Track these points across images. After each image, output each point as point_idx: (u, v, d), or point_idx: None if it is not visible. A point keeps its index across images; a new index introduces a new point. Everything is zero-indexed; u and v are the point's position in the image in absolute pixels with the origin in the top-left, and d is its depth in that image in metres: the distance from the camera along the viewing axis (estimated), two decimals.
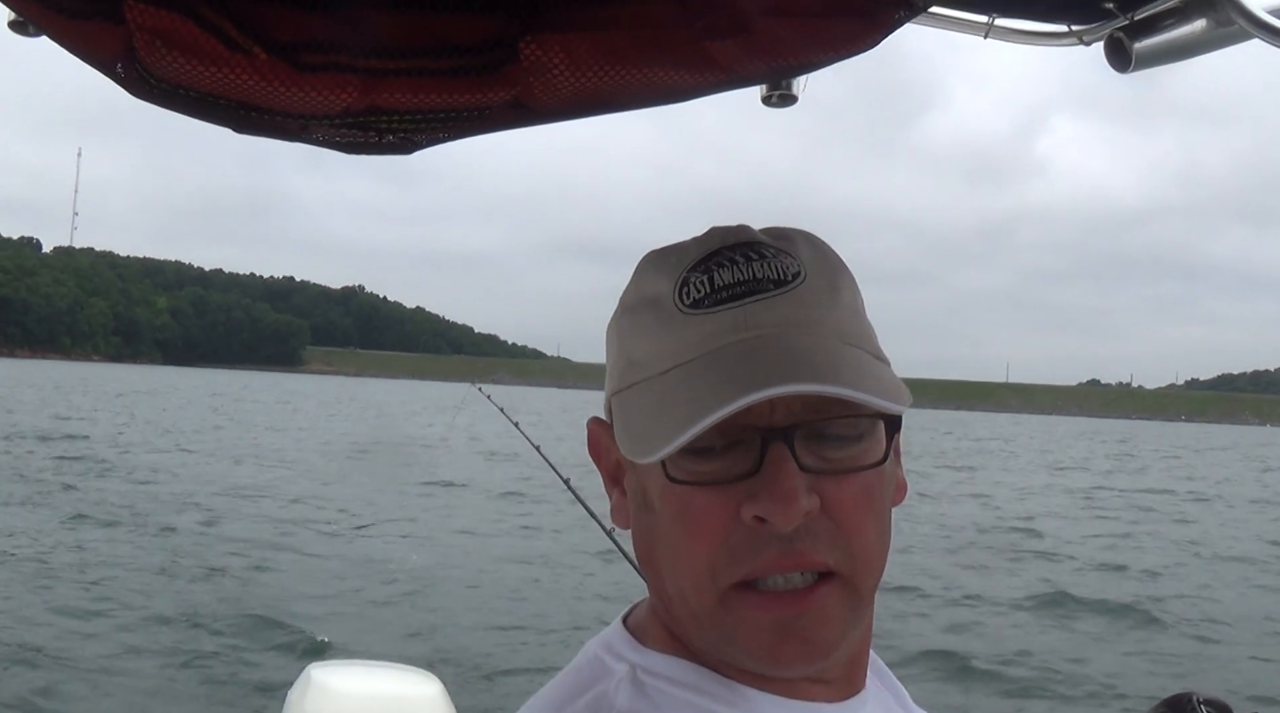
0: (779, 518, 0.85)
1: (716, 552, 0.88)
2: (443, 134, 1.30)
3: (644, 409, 0.91)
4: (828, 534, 0.87)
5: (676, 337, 0.92)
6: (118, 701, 8.28)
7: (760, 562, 0.87)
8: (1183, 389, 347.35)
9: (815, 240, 0.99)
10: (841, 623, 0.90)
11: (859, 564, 0.89)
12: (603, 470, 1.03)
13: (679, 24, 1.19)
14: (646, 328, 0.95)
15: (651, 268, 0.98)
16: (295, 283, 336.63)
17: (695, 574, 0.89)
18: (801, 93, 1.39)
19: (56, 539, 14.96)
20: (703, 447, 0.87)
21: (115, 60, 1.16)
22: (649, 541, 0.95)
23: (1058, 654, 11.27)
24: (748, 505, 0.86)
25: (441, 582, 13.24)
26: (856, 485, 0.90)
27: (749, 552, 0.87)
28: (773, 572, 0.87)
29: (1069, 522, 24.14)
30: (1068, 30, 1.41)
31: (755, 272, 0.92)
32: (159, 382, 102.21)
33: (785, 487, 0.85)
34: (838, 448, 0.89)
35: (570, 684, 0.97)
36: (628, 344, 0.97)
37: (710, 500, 0.88)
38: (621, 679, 0.94)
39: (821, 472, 0.88)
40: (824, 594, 0.88)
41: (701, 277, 0.93)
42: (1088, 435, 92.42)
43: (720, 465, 0.88)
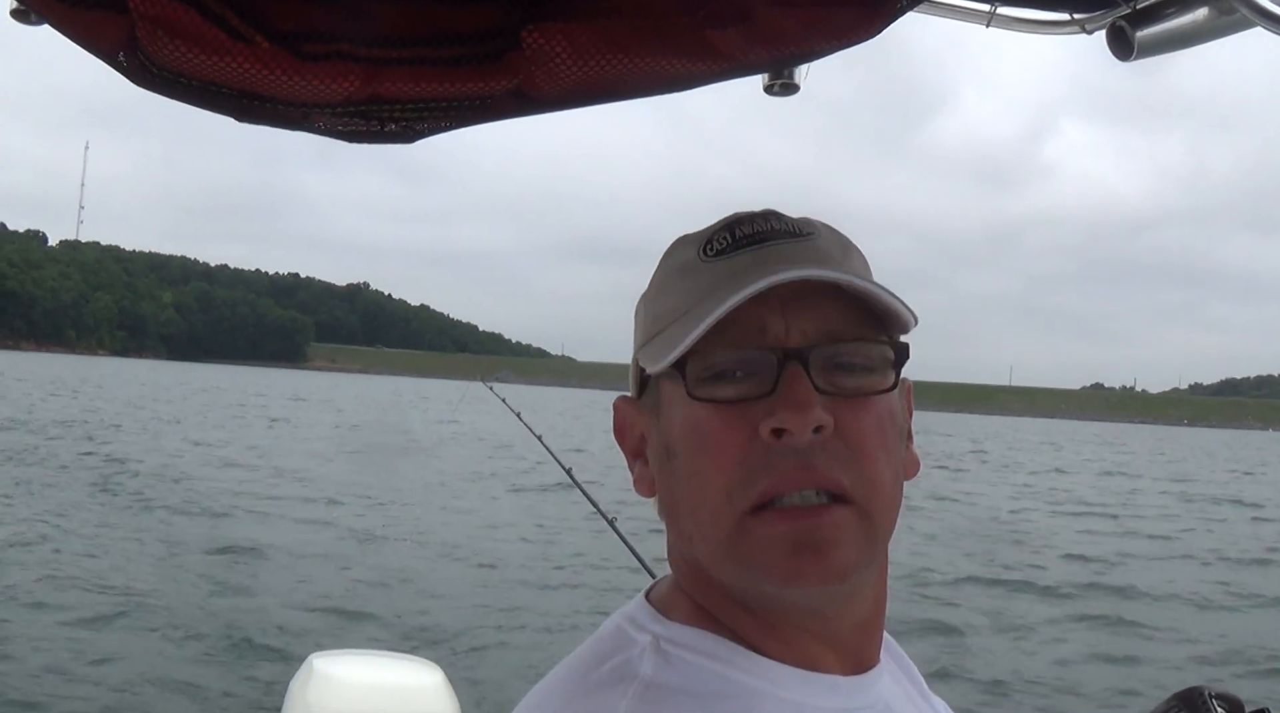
0: (795, 424, 0.89)
1: (734, 472, 0.91)
2: (444, 123, 1.30)
3: (669, 337, 0.95)
4: (842, 455, 0.91)
5: (700, 281, 0.97)
6: (118, 692, 8.29)
7: (777, 476, 0.90)
8: (1186, 394, 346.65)
9: (830, 226, 1.04)
10: (856, 548, 0.91)
11: (871, 491, 0.92)
12: (626, 447, 1.06)
13: (681, 13, 1.19)
14: (672, 287, 1.00)
15: (678, 246, 1.04)
16: (300, 279, 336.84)
17: (714, 499, 0.92)
18: (804, 82, 1.39)
19: (59, 524, 15.03)
20: (724, 371, 0.93)
21: (118, 49, 1.16)
22: (671, 489, 0.98)
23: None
24: (765, 421, 0.90)
25: (444, 571, 13.28)
26: (869, 414, 0.93)
27: (766, 467, 0.90)
28: (790, 487, 0.90)
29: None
30: (1070, 19, 1.41)
31: (773, 226, 0.99)
32: (169, 378, 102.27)
33: (800, 397, 0.90)
34: (849, 376, 0.93)
35: (594, 655, 0.98)
36: (653, 307, 1.02)
37: (729, 419, 0.92)
38: (645, 648, 0.96)
39: (834, 395, 0.92)
40: (838, 513, 0.91)
41: (723, 233, 1.00)
42: (1083, 440, 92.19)
43: (740, 388, 0.92)
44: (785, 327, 0.92)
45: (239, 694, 8.35)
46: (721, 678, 0.94)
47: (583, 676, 0.96)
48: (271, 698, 7.65)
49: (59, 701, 8.03)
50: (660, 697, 0.91)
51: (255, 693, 8.31)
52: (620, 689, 0.92)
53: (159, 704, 8.13)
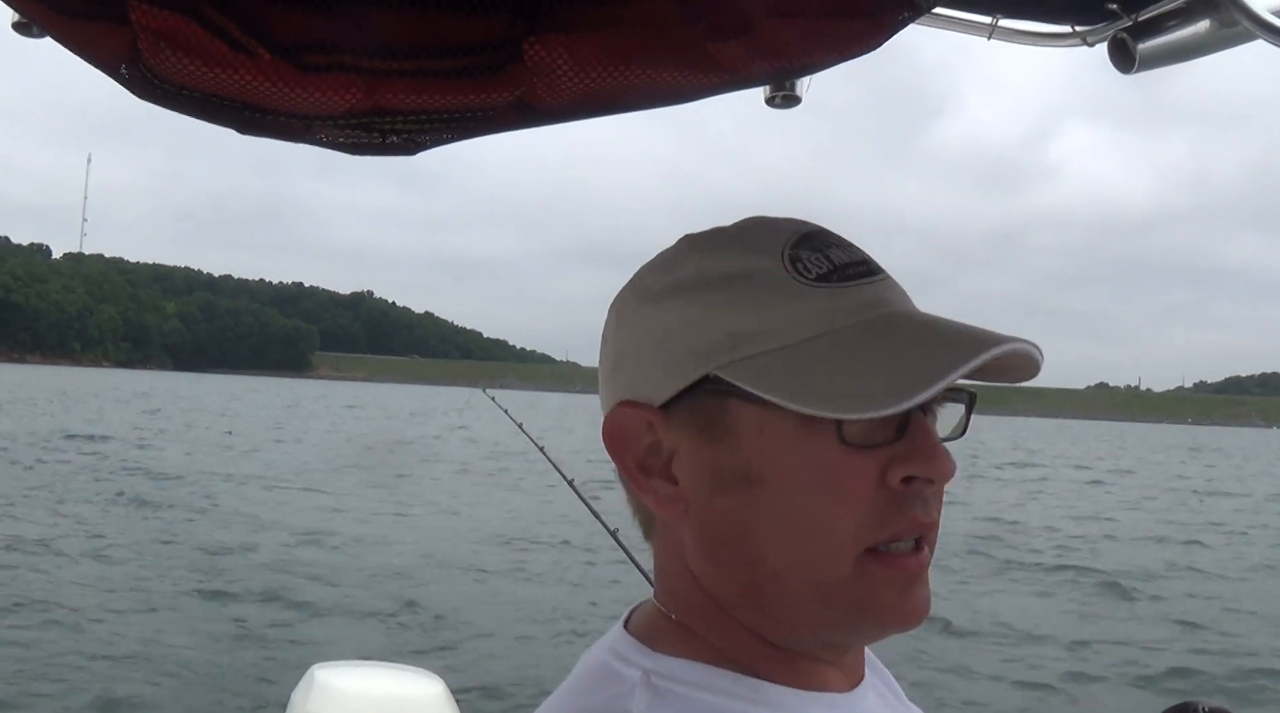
0: (937, 474, 0.91)
1: (864, 515, 0.90)
2: (447, 135, 1.30)
3: (829, 370, 0.89)
4: (938, 499, 0.95)
5: (810, 307, 0.92)
6: (117, 701, 8.28)
7: (906, 521, 0.91)
8: (1190, 392, 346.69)
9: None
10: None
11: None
12: (627, 459, 0.97)
13: (682, 25, 1.19)
14: (757, 300, 0.92)
15: (724, 248, 0.97)
16: (304, 288, 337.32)
17: (836, 540, 0.90)
18: (805, 94, 1.39)
19: (64, 531, 15.05)
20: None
21: (119, 62, 1.16)
22: (742, 518, 0.92)
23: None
24: (896, 468, 0.90)
25: (445, 582, 13.26)
26: (951, 456, 0.95)
27: (895, 512, 0.90)
28: (912, 532, 0.92)
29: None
30: (1071, 31, 1.40)
31: (857, 255, 0.97)
32: (183, 389, 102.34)
33: (936, 446, 0.92)
34: (943, 417, 0.97)
35: (578, 694, 0.95)
36: (726, 318, 0.92)
37: (862, 465, 0.90)
38: (635, 685, 0.91)
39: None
40: (924, 556, 0.94)
41: (814, 254, 0.95)
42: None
43: (867, 429, 0.90)
44: None
45: (241, 705, 8.34)
46: (721, 711, 0.91)
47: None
48: (273, 708, 7.65)
49: (51, 708, 8.02)
50: None
51: (257, 703, 8.30)
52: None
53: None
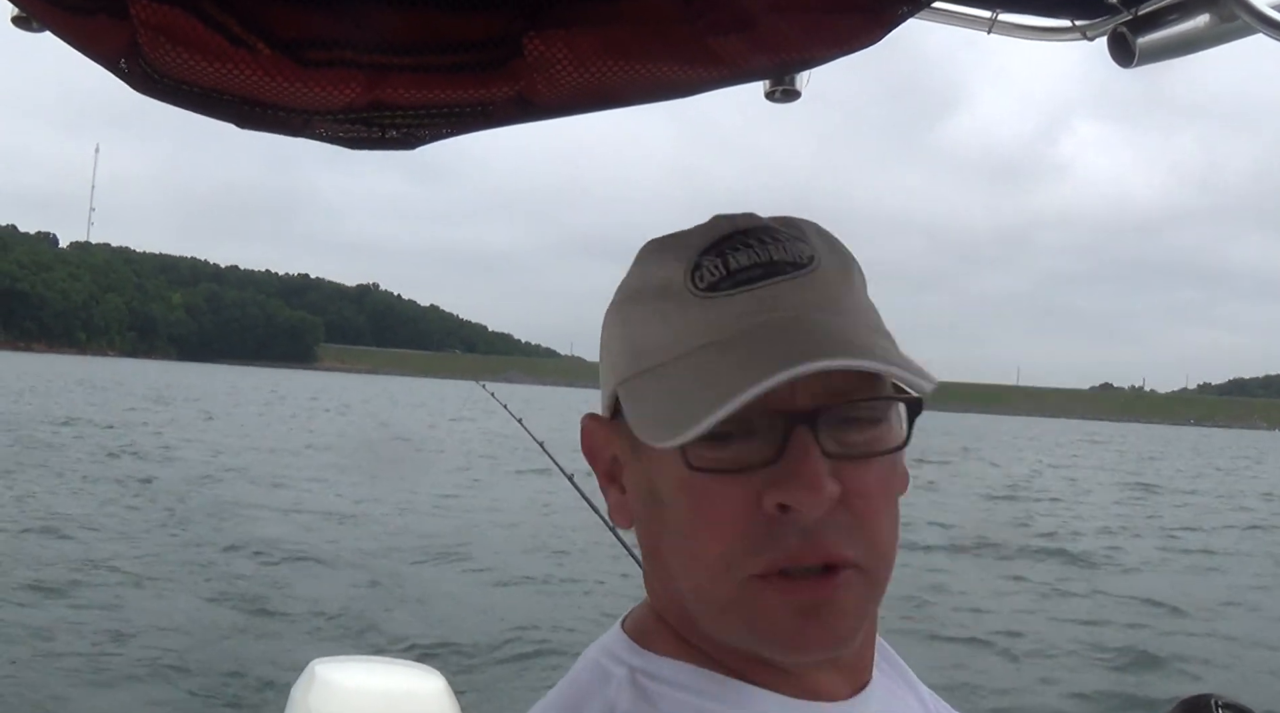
0: (806, 505, 0.83)
1: (735, 542, 0.85)
2: (446, 130, 1.30)
3: (663, 394, 0.87)
4: (847, 526, 0.85)
5: (693, 321, 0.88)
6: (119, 696, 8.30)
7: (782, 553, 0.84)
8: (1194, 393, 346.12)
9: (822, 229, 0.97)
10: (859, 612, 0.88)
11: (877, 555, 0.88)
12: (598, 468, 0.99)
13: (682, 20, 1.19)
14: (656, 314, 0.91)
15: (656, 255, 0.95)
16: (310, 280, 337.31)
17: (712, 566, 0.86)
18: (805, 88, 1.39)
19: (61, 522, 15.09)
20: (721, 434, 0.83)
21: (119, 56, 1.16)
22: (657, 535, 0.92)
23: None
24: (770, 494, 0.83)
25: (446, 578, 13.27)
26: (876, 473, 0.88)
27: (769, 542, 0.84)
28: (794, 563, 0.84)
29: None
30: (1071, 25, 1.40)
31: (771, 254, 0.89)
32: (194, 380, 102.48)
33: (811, 472, 0.83)
34: (859, 431, 0.87)
35: (571, 692, 0.94)
36: (634, 332, 0.93)
37: (729, 489, 0.85)
38: (621, 683, 0.92)
39: (843, 457, 0.85)
40: (844, 580, 0.86)
41: (715, 260, 0.90)
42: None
43: (739, 452, 0.85)
44: (791, 387, 0.83)
45: (241, 700, 8.36)
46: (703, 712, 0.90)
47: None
48: (273, 704, 7.66)
49: (52, 700, 8.03)
50: None
51: (257, 699, 8.31)
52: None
53: (159, 709, 8.13)
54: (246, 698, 8.37)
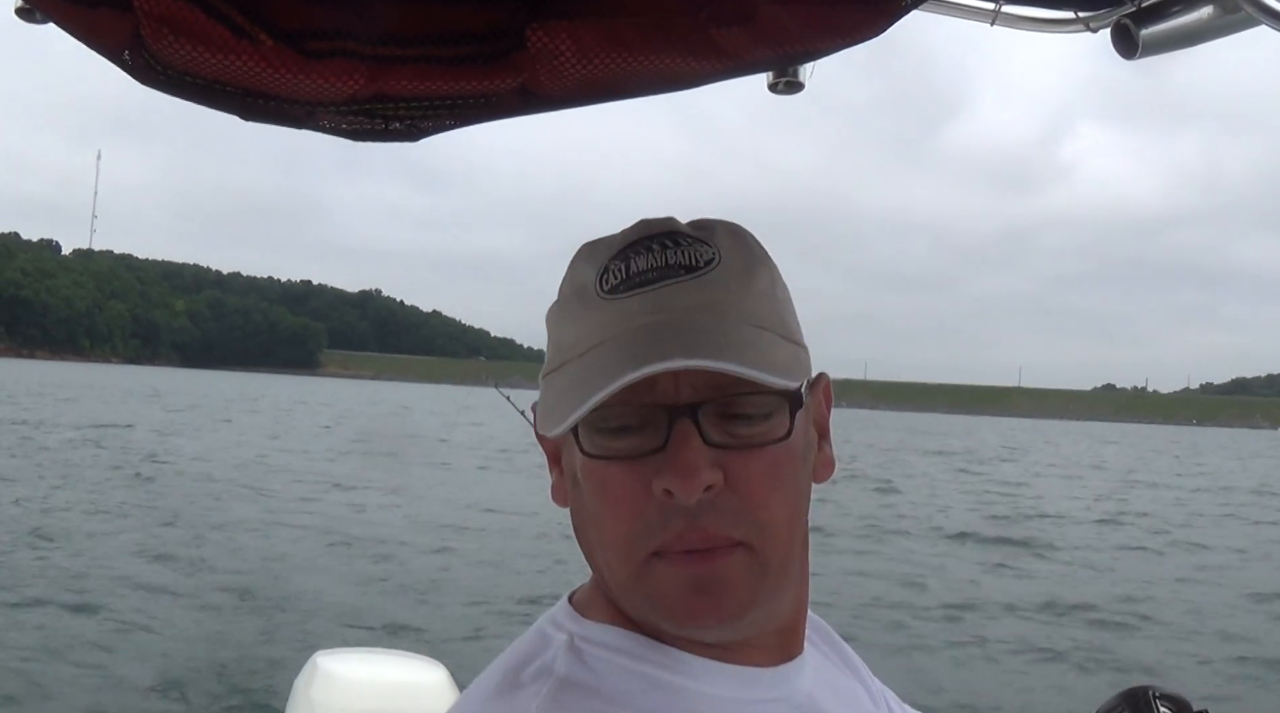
0: (681, 490, 0.89)
1: (632, 523, 0.92)
2: (449, 122, 1.31)
3: (559, 388, 0.95)
4: (733, 509, 0.91)
5: (594, 320, 0.95)
6: (119, 688, 8.31)
7: (669, 534, 0.90)
8: (1197, 393, 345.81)
9: (738, 230, 1.03)
10: (750, 588, 0.93)
11: (764, 536, 0.93)
12: (546, 450, 1.06)
13: (684, 11, 1.19)
14: (572, 314, 0.99)
15: (582, 258, 1.03)
16: (312, 286, 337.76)
17: (616, 546, 0.94)
18: (808, 80, 1.39)
19: (63, 519, 15.12)
20: (619, 425, 0.92)
21: (122, 48, 1.16)
22: (580, 516, 1.00)
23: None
24: (656, 480, 0.90)
25: (449, 569, 13.29)
26: (762, 461, 0.93)
27: (660, 524, 0.91)
28: (681, 545, 0.91)
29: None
30: (1075, 17, 1.40)
31: (669, 258, 0.96)
32: (196, 386, 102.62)
33: (686, 460, 0.89)
34: (744, 425, 0.92)
35: (514, 656, 1.00)
36: (555, 331, 1.01)
37: (624, 475, 0.92)
38: (559, 647, 0.98)
39: (727, 447, 0.91)
40: (729, 557, 0.91)
41: (619, 264, 0.97)
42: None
43: (633, 443, 0.92)
44: (675, 382, 0.91)
45: (243, 691, 8.38)
46: (636, 674, 0.96)
47: (500, 679, 0.98)
48: (276, 695, 7.66)
49: (57, 694, 8.05)
50: (572, 696, 0.93)
51: (259, 690, 8.33)
52: (533, 690, 0.94)
53: (162, 702, 8.14)
54: (249, 690, 8.39)
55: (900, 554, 17.42)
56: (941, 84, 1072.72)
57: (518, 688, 0.95)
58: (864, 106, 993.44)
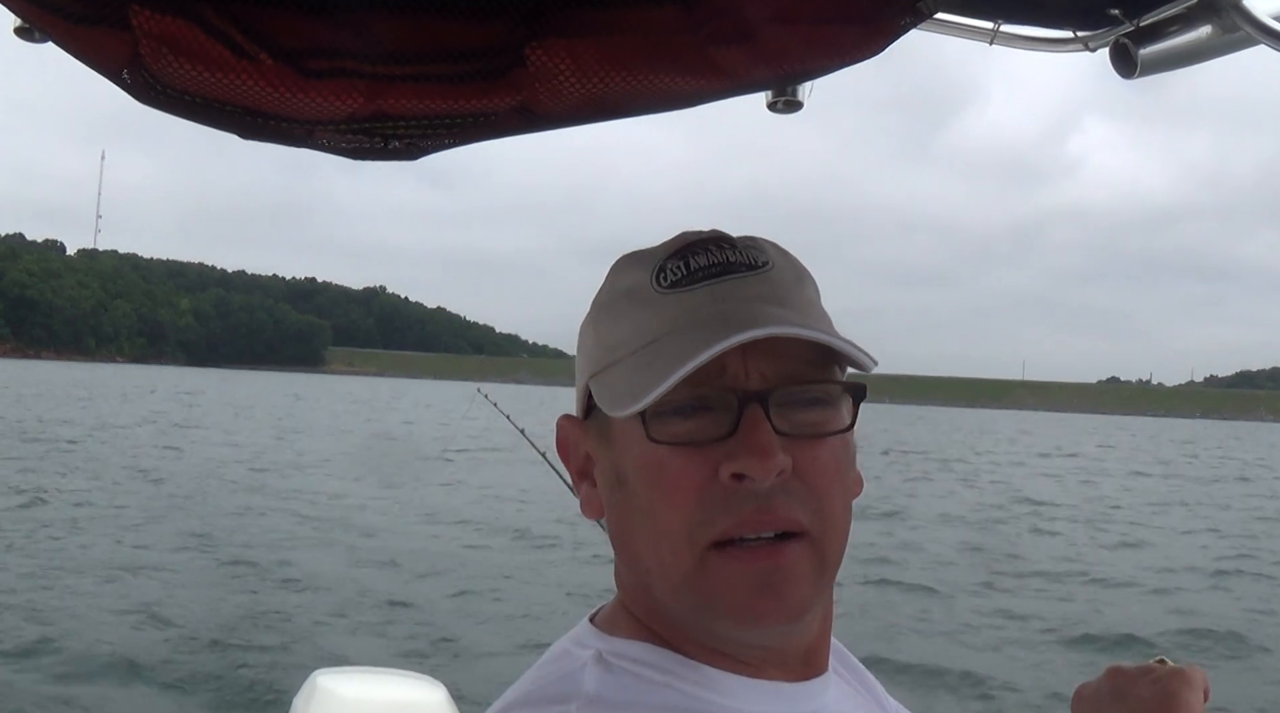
0: (757, 472, 0.89)
1: (694, 511, 0.91)
2: (448, 140, 1.31)
3: (628, 374, 0.95)
4: (800, 495, 0.92)
5: (655, 314, 0.97)
6: (121, 705, 8.30)
7: (737, 518, 0.90)
8: (1201, 387, 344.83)
9: (781, 247, 1.05)
10: (811, 583, 0.93)
11: (827, 527, 0.93)
12: (571, 466, 1.07)
13: (684, 30, 1.19)
14: (624, 313, 1.00)
15: (625, 266, 1.04)
16: (317, 284, 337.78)
17: (673, 536, 0.92)
18: (807, 99, 1.39)
19: (62, 530, 15.14)
20: (681, 408, 0.92)
21: (121, 67, 1.16)
22: (624, 517, 0.98)
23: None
24: (725, 465, 0.90)
25: (448, 588, 13.25)
26: (826, 451, 0.94)
27: (725, 509, 0.90)
28: (749, 529, 0.90)
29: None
30: (1073, 36, 1.40)
31: (728, 257, 0.99)
32: (204, 385, 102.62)
33: (762, 443, 0.89)
34: (807, 412, 0.94)
35: (538, 676, 0.99)
36: (604, 332, 1.01)
37: (688, 460, 0.92)
38: (588, 663, 0.97)
39: (793, 435, 0.92)
40: (795, 550, 0.91)
41: (677, 262, 0.99)
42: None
43: (697, 426, 0.92)
44: (745, 369, 0.92)
45: (242, 709, 8.35)
46: (666, 688, 0.95)
47: (525, 698, 0.96)
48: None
49: (54, 708, 8.04)
50: (602, 711, 0.92)
51: (259, 708, 8.31)
52: (561, 709, 0.92)
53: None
54: (248, 708, 8.37)
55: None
56: (948, 82, 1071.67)
57: (549, 703, 0.93)
58: (870, 104, 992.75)
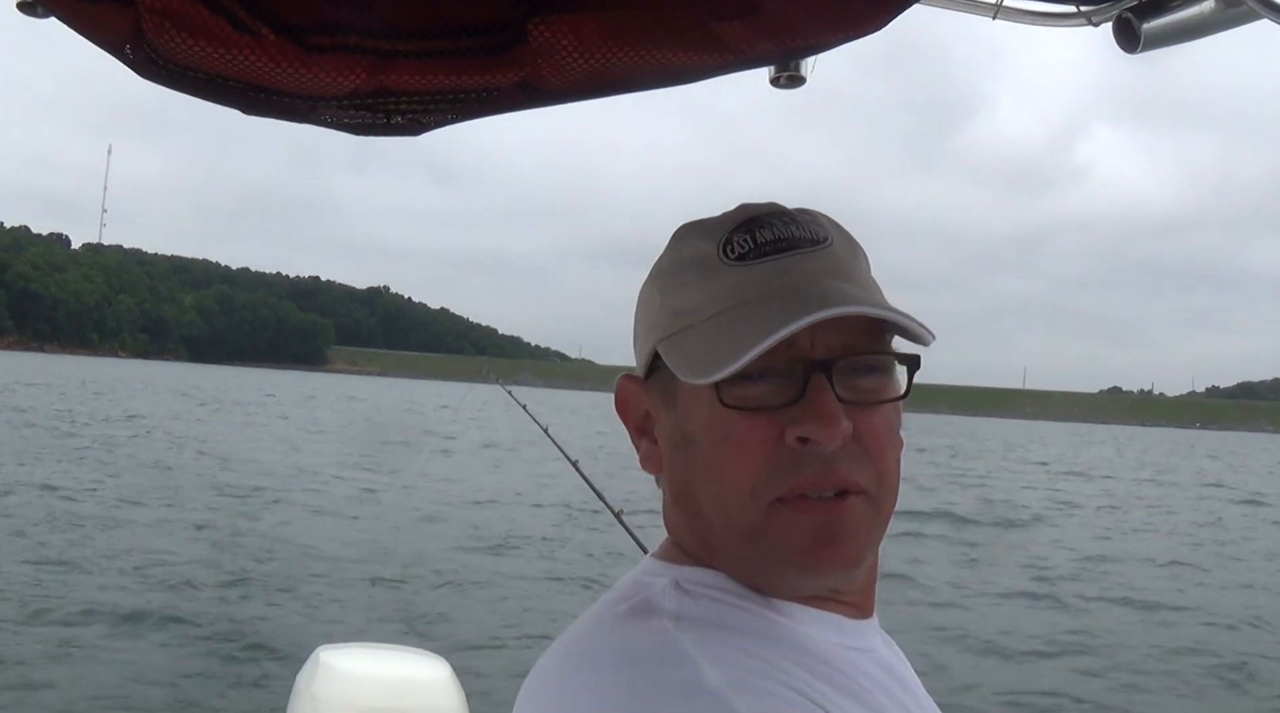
0: (823, 437, 0.95)
1: (760, 470, 0.97)
2: (451, 115, 1.31)
3: (701, 343, 1.00)
4: (859, 457, 0.98)
5: (724, 284, 1.02)
6: (123, 681, 8.31)
7: (801, 478, 0.96)
8: (1203, 397, 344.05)
9: (834, 220, 1.10)
10: (867, 535, 1.00)
11: (883, 485, 1.00)
12: (630, 424, 1.12)
13: (687, 5, 1.19)
14: (693, 281, 1.04)
15: (690, 235, 1.08)
16: (321, 282, 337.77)
17: (739, 491, 0.98)
18: (810, 74, 1.38)
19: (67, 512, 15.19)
20: (750, 376, 0.96)
21: (124, 42, 1.17)
22: (687, 473, 1.04)
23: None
24: (791, 429, 0.96)
25: (451, 565, 13.29)
26: (882, 416, 1.01)
27: (792, 469, 0.96)
28: (812, 488, 0.97)
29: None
30: (1076, 10, 1.40)
31: (792, 232, 1.03)
32: (208, 380, 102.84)
33: (828, 411, 0.96)
34: (867, 380, 0.99)
35: (615, 599, 1.04)
36: (672, 298, 1.05)
37: (756, 424, 0.97)
38: (666, 587, 1.02)
39: (854, 403, 0.98)
40: (854, 504, 0.98)
41: (744, 235, 1.03)
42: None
43: (765, 392, 0.98)
44: (811, 339, 0.97)
45: (246, 686, 8.38)
46: (741, 610, 0.99)
47: (609, 613, 1.01)
48: (278, 691, 7.67)
49: (59, 685, 8.06)
50: (695, 628, 0.96)
51: (262, 685, 8.33)
52: (657, 620, 0.97)
53: (165, 695, 8.15)
54: (251, 684, 8.39)
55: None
56: (953, 85, 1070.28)
57: (633, 618, 0.98)
58: (874, 108, 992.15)
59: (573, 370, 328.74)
